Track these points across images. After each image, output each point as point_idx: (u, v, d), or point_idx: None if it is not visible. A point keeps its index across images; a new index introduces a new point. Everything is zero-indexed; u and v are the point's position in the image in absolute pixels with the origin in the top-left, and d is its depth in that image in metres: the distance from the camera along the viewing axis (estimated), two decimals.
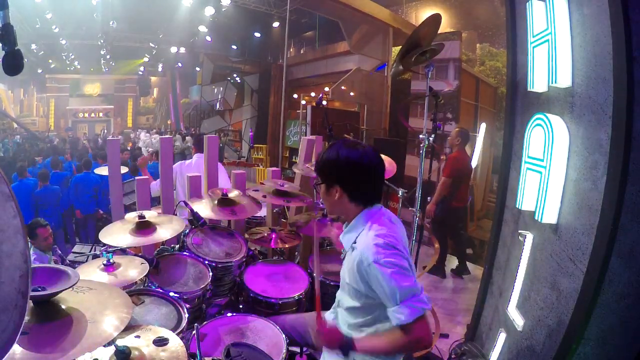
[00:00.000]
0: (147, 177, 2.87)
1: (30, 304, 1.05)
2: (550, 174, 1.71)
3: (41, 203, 5.25)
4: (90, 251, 3.78)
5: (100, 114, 21.31)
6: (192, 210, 2.22)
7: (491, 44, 8.55)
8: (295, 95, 12.30)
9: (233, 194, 2.43)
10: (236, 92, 14.58)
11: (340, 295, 1.57)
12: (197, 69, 17.02)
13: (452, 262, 4.48)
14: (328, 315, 1.67)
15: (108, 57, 16.66)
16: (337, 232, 1.88)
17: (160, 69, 20.49)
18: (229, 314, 1.84)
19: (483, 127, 5.02)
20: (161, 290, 1.76)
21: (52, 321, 1.05)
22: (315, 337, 1.38)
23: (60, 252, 3.44)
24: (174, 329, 1.50)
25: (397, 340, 1.29)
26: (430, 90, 2.67)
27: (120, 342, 1.20)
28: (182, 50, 15.02)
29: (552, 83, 1.74)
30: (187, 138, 13.20)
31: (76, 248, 4.05)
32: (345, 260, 1.50)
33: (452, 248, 4.57)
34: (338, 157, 1.41)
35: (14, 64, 1.17)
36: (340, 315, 1.55)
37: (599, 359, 1.52)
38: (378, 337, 1.37)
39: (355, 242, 1.40)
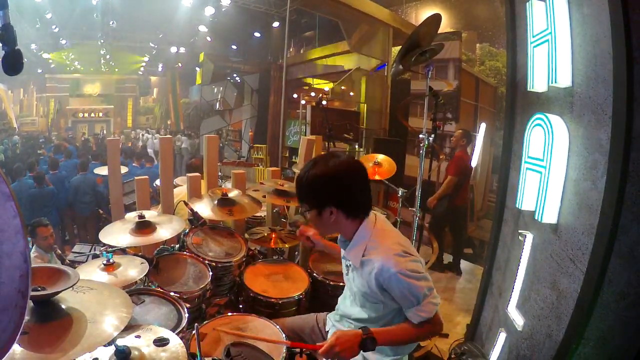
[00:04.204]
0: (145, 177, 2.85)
1: (30, 304, 1.05)
2: (550, 173, 1.71)
3: (37, 203, 5.25)
4: (90, 251, 3.78)
5: (100, 114, 21.26)
6: (192, 210, 2.22)
7: (491, 44, 8.54)
8: (295, 95, 12.29)
9: (233, 193, 2.43)
10: (236, 92, 14.55)
11: (347, 308, 1.56)
12: (197, 69, 17.01)
13: (446, 259, 4.51)
14: (329, 325, 1.66)
15: (108, 57, 16.66)
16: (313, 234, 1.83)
17: (160, 69, 20.49)
18: (229, 314, 1.83)
19: (483, 127, 5.01)
20: (161, 290, 1.76)
21: (52, 321, 1.05)
22: (333, 353, 1.26)
23: (59, 251, 3.44)
24: (174, 329, 1.50)
25: (415, 331, 1.35)
26: (430, 90, 2.67)
27: (120, 342, 1.20)
28: (182, 50, 15.02)
29: (552, 83, 1.74)
30: (183, 138, 13.21)
31: (76, 248, 4.05)
32: (353, 274, 1.47)
33: (451, 247, 4.60)
34: (327, 175, 1.32)
35: (14, 64, 1.17)
36: (346, 327, 1.55)
37: (599, 359, 1.52)
38: (396, 327, 1.38)
39: (364, 255, 1.38)
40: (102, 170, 4.36)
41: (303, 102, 10.00)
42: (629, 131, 1.32)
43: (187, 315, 1.62)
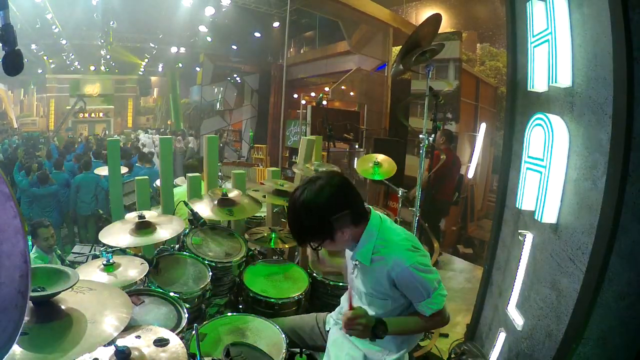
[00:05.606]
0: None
1: (30, 304, 1.05)
2: (550, 173, 1.71)
3: (39, 203, 5.27)
4: (90, 251, 3.78)
5: (101, 114, 21.26)
6: (192, 210, 2.22)
7: (491, 44, 8.55)
8: (296, 95, 12.29)
9: (233, 194, 2.43)
10: (236, 92, 14.57)
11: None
12: (197, 69, 17.01)
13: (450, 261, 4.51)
14: (333, 327, 1.67)
15: (108, 57, 16.65)
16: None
17: (160, 69, 20.48)
18: (229, 314, 1.84)
19: (483, 127, 5.03)
20: (161, 290, 1.76)
21: (52, 321, 1.05)
22: (348, 324, 1.33)
23: (59, 252, 3.44)
24: (173, 329, 1.50)
25: (424, 322, 1.42)
26: (430, 90, 2.67)
27: (120, 342, 1.20)
28: (182, 50, 15.01)
29: (552, 83, 1.74)
30: (190, 138, 13.22)
31: (76, 248, 4.04)
32: (360, 274, 1.49)
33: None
34: (323, 207, 1.29)
35: (14, 64, 1.16)
36: None
37: (599, 359, 1.51)
38: (406, 319, 1.44)
39: (374, 253, 1.39)
40: (103, 171, 4.36)
41: (303, 102, 10.01)
42: (629, 131, 1.32)
43: (186, 315, 1.62)
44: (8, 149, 10.46)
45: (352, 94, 9.42)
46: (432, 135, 2.69)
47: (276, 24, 10.87)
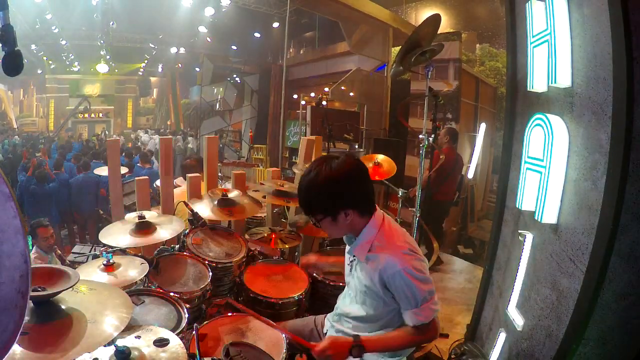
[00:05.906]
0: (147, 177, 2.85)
1: (30, 304, 1.05)
2: (550, 174, 1.71)
3: (38, 201, 5.27)
4: (90, 251, 3.78)
5: (100, 115, 21.28)
6: (192, 210, 2.22)
7: (491, 44, 8.56)
8: (295, 96, 12.30)
9: (233, 194, 2.43)
10: (236, 93, 14.57)
11: (346, 306, 1.57)
12: (197, 69, 17.03)
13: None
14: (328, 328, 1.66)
15: (108, 57, 16.68)
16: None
17: (160, 69, 20.51)
18: (229, 314, 1.83)
19: (483, 127, 5.03)
20: (161, 290, 1.76)
21: (52, 321, 1.05)
22: (325, 356, 1.31)
23: (60, 252, 3.44)
24: (173, 329, 1.50)
25: (409, 337, 1.36)
26: (429, 90, 2.68)
27: (120, 343, 1.20)
28: (182, 50, 15.03)
29: (551, 83, 1.74)
30: (190, 139, 13.23)
31: (76, 248, 4.04)
32: (356, 270, 1.48)
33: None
34: (336, 177, 1.30)
35: (14, 65, 1.16)
36: (345, 326, 1.55)
37: (599, 359, 1.52)
38: (388, 335, 1.39)
39: (370, 251, 1.39)
40: (102, 171, 4.35)
41: (303, 102, 10.01)
42: (629, 131, 1.32)
43: (187, 315, 1.62)
44: (8, 149, 10.46)
45: (351, 94, 9.42)
46: (432, 136, 2.69)
47: (276, 24, 10.88)
